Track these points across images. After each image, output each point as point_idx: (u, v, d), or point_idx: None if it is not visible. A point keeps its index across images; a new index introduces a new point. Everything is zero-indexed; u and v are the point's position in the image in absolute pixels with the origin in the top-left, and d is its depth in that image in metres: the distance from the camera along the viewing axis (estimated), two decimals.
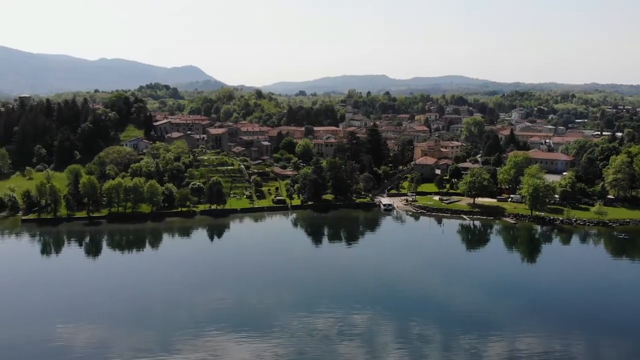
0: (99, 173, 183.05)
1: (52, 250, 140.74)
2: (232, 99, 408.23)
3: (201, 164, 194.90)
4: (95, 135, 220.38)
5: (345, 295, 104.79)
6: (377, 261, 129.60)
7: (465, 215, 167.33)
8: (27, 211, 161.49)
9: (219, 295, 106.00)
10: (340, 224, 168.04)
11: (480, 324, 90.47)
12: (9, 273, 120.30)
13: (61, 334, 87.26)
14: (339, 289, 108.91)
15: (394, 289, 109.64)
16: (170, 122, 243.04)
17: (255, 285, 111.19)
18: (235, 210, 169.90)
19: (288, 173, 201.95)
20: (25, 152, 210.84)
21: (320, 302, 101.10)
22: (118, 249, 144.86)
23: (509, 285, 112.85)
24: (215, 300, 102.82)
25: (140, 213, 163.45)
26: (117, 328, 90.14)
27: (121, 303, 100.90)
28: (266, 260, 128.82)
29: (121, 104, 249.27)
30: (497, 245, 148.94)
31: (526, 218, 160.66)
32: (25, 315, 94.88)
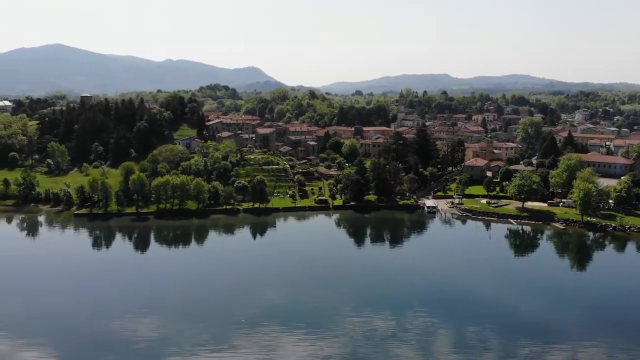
0: (150, 170, 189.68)
1: (103, 244, 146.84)
2: (285, 99, 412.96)
3: (247, 163, 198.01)
4: (150, 133, 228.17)
5: (396, 297, 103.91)
6: (423, 264, 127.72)
7: (512, 220, 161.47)
8: (81, 206, 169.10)
9: (271, 292, 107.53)
10: (382, 225, 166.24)
11: (539, 331, 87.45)
12: (65, 265, 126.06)
13: (125, 324, 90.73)
14: (389, 290, 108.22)
15: (446, 292, 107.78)
16: (221, 122, 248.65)
17: (304, 284, 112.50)
18: (278, 209, 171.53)
19: (332, 173, 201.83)
20: (83, 149, 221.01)
21: (372, 303, 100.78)
22: (166, 244, 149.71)
23: (564, 293, 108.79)
24: (268, 297, 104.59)
25: (186, 210, 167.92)
26: (176, 321, 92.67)
27: (178, 297, 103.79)
28: (310, 259, 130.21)
29: (176, 104, 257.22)
30: (547, 251, 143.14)
31: (576, 224, 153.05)
32: (90, 306, 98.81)
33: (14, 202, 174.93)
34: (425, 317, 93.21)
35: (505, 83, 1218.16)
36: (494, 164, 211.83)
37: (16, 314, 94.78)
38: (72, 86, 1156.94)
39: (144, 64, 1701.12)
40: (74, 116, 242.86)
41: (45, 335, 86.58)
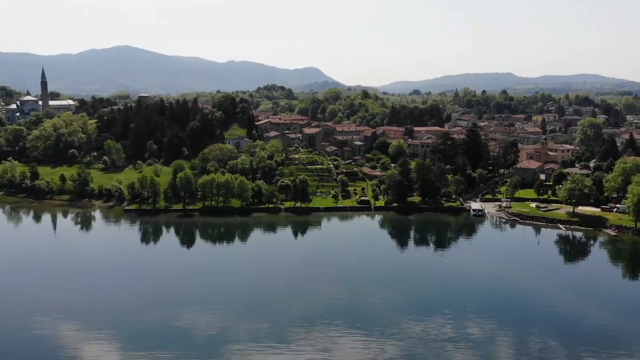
0: (200, 169, 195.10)
1: (151, 239, 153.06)
2: (338, 99, 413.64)
3: (292, 162, 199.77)
4: (201, 133, 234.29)
5: (451, 300, 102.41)
6: (473, 268, 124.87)
7: (561, 225, 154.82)
8: (131, 202, 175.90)
9: (326, 291, 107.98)
10: (426, 228, 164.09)
11: (599, 341, 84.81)
12: (118, 258, 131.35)
13: (184, 317, 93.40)
14: (442, 293, 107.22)
15: (500, 297, 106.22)
16: (270, 121, 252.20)
17: (357, 284, 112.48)
18: (319, 209, 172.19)
19: (377, 173, 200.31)
20: (138, 147, 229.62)
21: (427, 305, 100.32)
22: (211, 240, 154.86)
23: (618, 301, 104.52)
24: (323, 296, 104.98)
25: (230, 207, 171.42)
26: (234, 316, 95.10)
27: (233, 292, 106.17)
28: (356, 259, 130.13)
29: (228, 104, 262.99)
30: (598, 258, 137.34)
31: (629, 230, 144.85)
32: (148, 297, 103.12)
33: (69, 197, 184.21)
34: (483, 322, 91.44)
35: (573, 83, 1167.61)
36: (548, 167, 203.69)
37: (82, 305, 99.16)
38: (138, 86, 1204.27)
39: (208, 65, 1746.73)
40: (130, 115, 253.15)
41: (109, 325, 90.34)
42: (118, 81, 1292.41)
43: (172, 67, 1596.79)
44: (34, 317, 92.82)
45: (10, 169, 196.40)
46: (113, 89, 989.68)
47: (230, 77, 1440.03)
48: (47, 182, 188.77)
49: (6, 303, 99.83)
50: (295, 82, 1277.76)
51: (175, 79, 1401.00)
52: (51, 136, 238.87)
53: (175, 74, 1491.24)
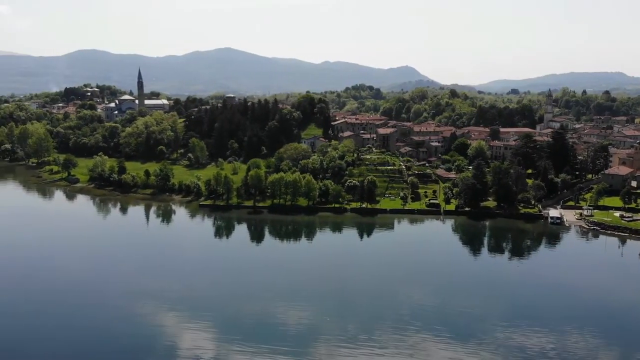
0: (274, 167, 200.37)
1: (224, 233, 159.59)
2: (424, 98, 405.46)
3: (363, 162, 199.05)
4: (279, 132, 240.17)
5: (542, 309, 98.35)
6: (557, 277, 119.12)
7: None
8: (207, 197, 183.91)
9: (411, 294, 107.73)
10: (501, 235, 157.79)
11: None
12: (196, 250, 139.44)
13: (273, 309, 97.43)
14: (533, 302, 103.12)
15: (595, 309, 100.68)
16: (346, 121, 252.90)
17: (441, 288, 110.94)
18: (385, 211, 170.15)
19: (451, 176, 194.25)
20: (221, 145, 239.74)
21: (520, 314, 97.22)
22: (285, 237, 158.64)
23: None
24: (413, 299, 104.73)
25: (297, 206, 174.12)
26: (323, 312, 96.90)
27: (318, 289, 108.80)
28: (434, 263, 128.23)
29: (306, 104, 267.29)
30: None
31: None
32: (243, 291, 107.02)
33: (152, 191, 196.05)
34: (583, 336, 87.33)
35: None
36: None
37: (180, 294, 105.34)
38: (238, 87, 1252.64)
39: (304, 66, 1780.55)
40: (216, 115, 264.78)
41: (205, 315, 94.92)
42: (220, 82, 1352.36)
43: (270, 69, 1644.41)
44: (137, 304, 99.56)
45: (101, 164, 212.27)
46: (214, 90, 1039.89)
47: (324, 77, 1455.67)
48: (133, 176, 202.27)
49: (111, 290, 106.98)
50: (389, 81, 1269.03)
51: (272, 79, 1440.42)
52: (142, 133, 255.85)
53: (273, 75, 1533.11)
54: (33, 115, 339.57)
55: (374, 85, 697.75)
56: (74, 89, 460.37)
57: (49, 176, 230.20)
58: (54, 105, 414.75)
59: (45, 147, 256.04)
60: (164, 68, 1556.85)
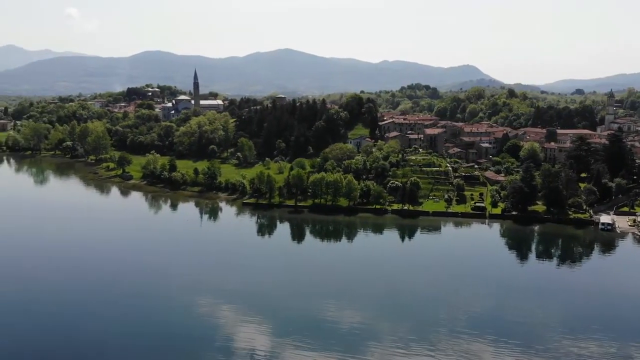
0: (318, 167, 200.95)
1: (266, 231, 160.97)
2: (481, 98, 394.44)
3: (407, 163, 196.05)
4: (326, 132, 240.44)
5: (607, 319, 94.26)
6: (615, 285, 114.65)
7: None
8: (251, 196, 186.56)
9: (469, 298, 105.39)
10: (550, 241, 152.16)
11: None
12: (242, 248, 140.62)
13: (325, 309, 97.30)
14: (594, 311, 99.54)
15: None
16: (393, 121, 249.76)
17: (494, 294, 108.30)
18: (427, 213, 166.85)
19: (500, 178, 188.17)
20: (269, 145, 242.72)
21: (581, 323, 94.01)
22: (322, 237, 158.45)
23: None
24: (469, 303, 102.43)
25: (338, 206, 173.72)
26: (375, 314, 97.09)
27: (371, 290, 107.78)
28: (482, 267, 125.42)
29: (354, 104, 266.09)
30: None
31: None
32: (298, 288, 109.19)
33: (199, 189, 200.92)
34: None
35: None
36: None
37: (237, 288, 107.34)
38: (296, 87, 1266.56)
39: (362, 66, 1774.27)
40: (265, 115, 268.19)
41: (261, 310, 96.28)
42: (278, 83, 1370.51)
43: (328, 69, 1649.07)
44: (196, 297, 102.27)
45: (153, 162, 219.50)
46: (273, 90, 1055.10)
47: (382, 77, 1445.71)
48: (182, 174, 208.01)
49: (171, 282, 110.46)
50: (449, 80, 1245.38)
51: (330, 80, 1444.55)
52: (195, 133, 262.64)
53: (331, 75, 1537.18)
54: (94, 114, 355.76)
55: (433, 84, 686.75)
56: (135, 89, 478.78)
57: (105, 173, 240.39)
58: (116, 104, 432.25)
59: (103, 144, 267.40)
60: (226, 69, 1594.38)
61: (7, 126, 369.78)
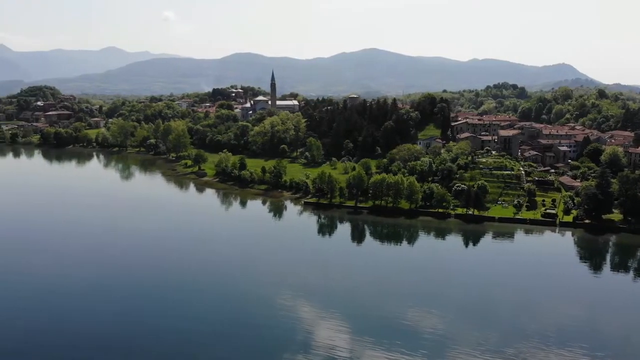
0: (382, 168, 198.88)
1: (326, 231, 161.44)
2: (568, 98, 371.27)
3: (477, 166, 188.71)
4: (395, 132, 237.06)
5: None
6: None
7: None
8: (313, 195, 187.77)
9: (559, 308, 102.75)
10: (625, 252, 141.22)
11: None
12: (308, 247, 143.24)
13: (412, 314, 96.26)
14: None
15: None
16: (466, 122, 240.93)
17: (574, 303, 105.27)
18: (492, 219, 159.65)
19: (576, 184, 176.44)
20: (337, 145, 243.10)
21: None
22: (383, 239, 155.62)
23: None
24: (559, 314, 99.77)
25: (398, 208, 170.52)
26: (461, 319, 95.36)
27: (458, 295, 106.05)
28: (560, 276, 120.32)
29: (426, 104, 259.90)
30: None
31: None
32: (377, 289, 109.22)
33: (266, 187, 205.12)
34: None
35: None
36: None
37: (318, 285, 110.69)
38: (380, 87, 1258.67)
39: (451, 64, 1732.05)
40: (335, 115, 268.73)
41: (340, 308, 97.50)
42: (362, 83, 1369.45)
43: (414, 68, 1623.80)
44: (278, 290, 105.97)
45: (225, 160, 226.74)
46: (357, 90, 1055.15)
47: (472, 75, 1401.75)
48: (251, 172, 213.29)
49: (256, 277, 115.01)
50: (542, 80, 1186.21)
51: (417, 79, 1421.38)
52: (268, 132, 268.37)
53: (417, 75, 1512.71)
54: (178, 113, 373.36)
55: (525, 84, 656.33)
56: (220, 89, 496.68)
57: (182, 169, 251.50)
58: (201, 104, 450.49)
59: (183, 142, 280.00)
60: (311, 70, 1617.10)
61: (100, 124, 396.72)
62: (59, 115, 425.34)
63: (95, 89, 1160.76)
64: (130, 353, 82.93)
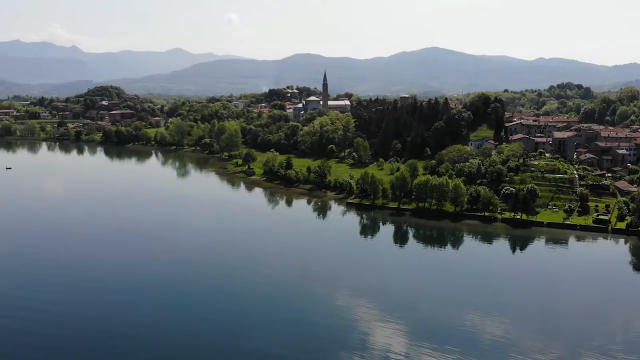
0: (430, 169, 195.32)
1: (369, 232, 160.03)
2: (634, 99, 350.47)
3: (528, 168, 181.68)
4: (445, 133, 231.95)
5: None
6: None
7: None
8: (356, 196, 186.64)
9: (626, 318, 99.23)
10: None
11: None
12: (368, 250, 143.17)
13: (468, 320, 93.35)
14: None
15: None
16: (521, 123, 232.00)
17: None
18: (541, 224, 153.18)
19: (633, 189, 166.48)
20: (385, 145, 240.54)
21: None
22: (429, 242, 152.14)
23: None
24: (628, 325, 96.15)
25: (442, 211, 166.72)
26: (521, 327, 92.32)
27: (519, 302, 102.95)
28: (619, 284, 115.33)
29: (479, 103, 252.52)
30: None
31: None
32: (434, 292, 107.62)
33: (310, 187, 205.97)
34: None
35: None
36: None
37: (373, 286, 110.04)
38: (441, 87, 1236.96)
39: (515, 63, 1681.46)
40: (384, 115, 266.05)
41: (397, 311, 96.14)
42: (422, 82, 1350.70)
43: (477, 67, 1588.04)
44: (334, 291, 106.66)
45: (272, 159, 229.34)
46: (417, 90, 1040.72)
47: (536, 75, 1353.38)
48: (296, 172, 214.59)
49: (309, 276, 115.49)
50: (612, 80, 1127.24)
51: (479, 78, 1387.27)
52: (317, 132, 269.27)
53: (480, 74, 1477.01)
54: (233, 113, 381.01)
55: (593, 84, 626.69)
56: (275, 90, 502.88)
57: (233, 168, 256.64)
58: (257, 104, 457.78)
59: (235, 142, 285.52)
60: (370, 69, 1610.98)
61: (161, 123, 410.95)
62: (122, 114, 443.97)
63: (160, 89, 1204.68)
64: (200, 347, 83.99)
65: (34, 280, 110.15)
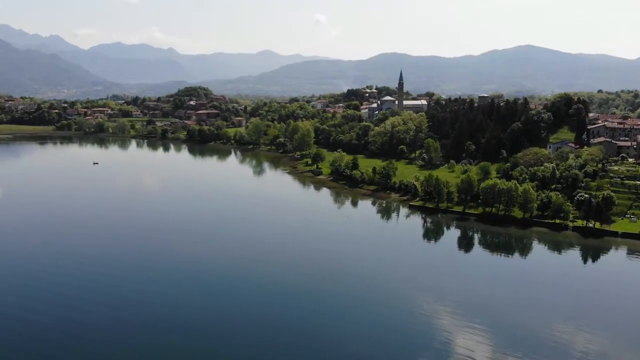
0: (503, 173, 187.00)
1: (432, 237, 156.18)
2: None
3: (607, 174, 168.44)
4: (522, 135, 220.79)
5: None
6: None
7: None
8: (421, 198, 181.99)
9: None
10: None
11: None
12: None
13: (556, 331, 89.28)
14: None
15: None
16: (605, 125, 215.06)
17: None
18: (615, 234, 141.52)
19: None
20: (458, 147, 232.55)
21: None
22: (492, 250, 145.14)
23: None
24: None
25: (510, 217, 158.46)
26: (616, 343, 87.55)
27: (608, 315, 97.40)
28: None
29: (561, 104, 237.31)
30: None
31: None
32: (514, 303, 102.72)
33: (375, 187, 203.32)
34: None
35: None
36: None
37: (457, 292, 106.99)
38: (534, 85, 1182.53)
39: (615, 62, 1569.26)
40: (459, 115, 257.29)
41: (481, 318, 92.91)
42: (515, 81, 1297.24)
43: (574, 66, 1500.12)
44: (415, 294, 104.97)
45: (339, 159, 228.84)
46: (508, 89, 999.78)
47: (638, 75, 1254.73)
48: (362, 172, 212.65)
49: (386, 279, 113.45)
50: None
51: (576, 78, 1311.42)
52: (388, 133, 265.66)
53: (577, 73, 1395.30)
54: (309, 113, 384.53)
55: None
56: (354, 90, 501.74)
57: (302, 167, 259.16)
58: (335, 105, 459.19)
59: (307, 141, 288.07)
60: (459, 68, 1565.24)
61: (242, 122, 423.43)
62: (207, 114, 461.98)
63: (249, 90, 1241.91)
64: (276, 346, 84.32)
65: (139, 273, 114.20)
